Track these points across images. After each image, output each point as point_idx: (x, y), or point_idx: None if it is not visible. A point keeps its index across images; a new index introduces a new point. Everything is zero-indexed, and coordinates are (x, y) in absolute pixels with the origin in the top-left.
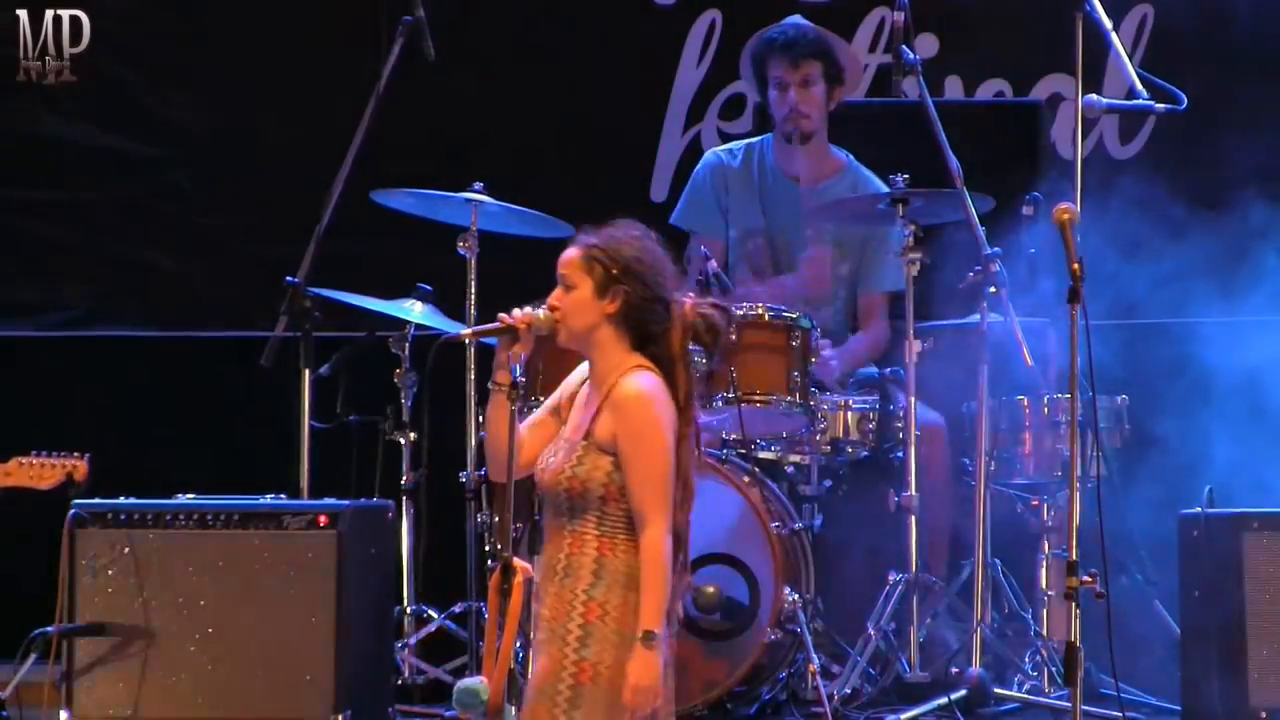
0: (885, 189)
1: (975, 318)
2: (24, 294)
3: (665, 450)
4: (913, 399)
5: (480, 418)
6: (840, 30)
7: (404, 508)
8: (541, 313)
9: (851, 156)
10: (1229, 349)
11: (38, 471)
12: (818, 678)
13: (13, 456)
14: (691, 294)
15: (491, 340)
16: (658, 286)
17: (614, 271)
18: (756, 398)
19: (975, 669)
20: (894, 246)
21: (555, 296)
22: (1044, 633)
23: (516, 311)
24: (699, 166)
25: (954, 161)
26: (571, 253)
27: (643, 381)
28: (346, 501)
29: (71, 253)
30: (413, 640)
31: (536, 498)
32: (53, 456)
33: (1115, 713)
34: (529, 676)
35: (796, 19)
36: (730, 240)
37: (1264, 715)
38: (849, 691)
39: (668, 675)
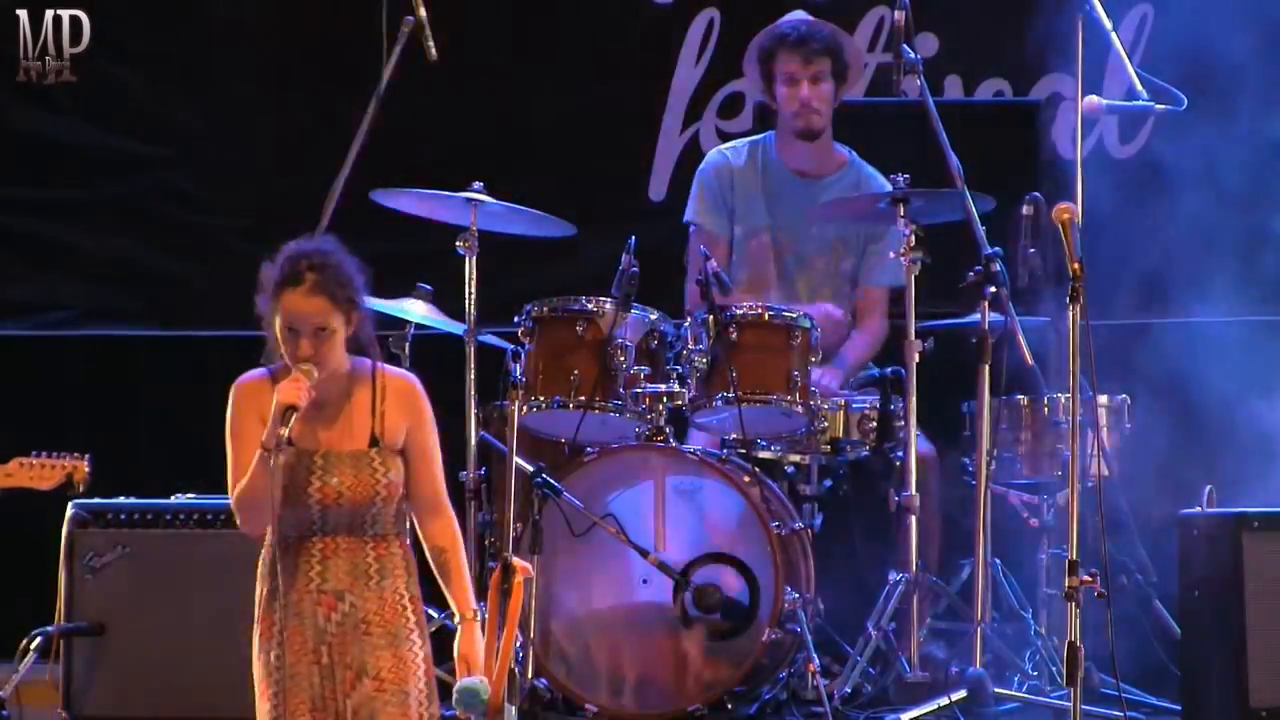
0: (887, 185)
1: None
2: (24, 294)
3: None
4: (913, 399)
5: (479, 415)
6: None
7: None
8: (305, 369)
9: (854, 153)
10: (1229, 348)
11: (38, 472)
12: (818, 677)
13: (13, 457)
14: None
15: (493, 342)
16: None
17: (355, 299)
18: (756, 398)
19: (975, 669)
20: (895, 243)
21: (309, 347)
22: (1044, 632)
23: (292, 393)
24: (704, 164)
25: (955, 161)
26: (317, 301)
27: (403, 372)
28: None
29: (71, 252)
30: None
31: (535, 498)
32: (53, 457)
33: (1115, 712)
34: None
35: (804, 15)
36: (734, 238)
37: (1264, 715)
38: (849, 691)
39: None
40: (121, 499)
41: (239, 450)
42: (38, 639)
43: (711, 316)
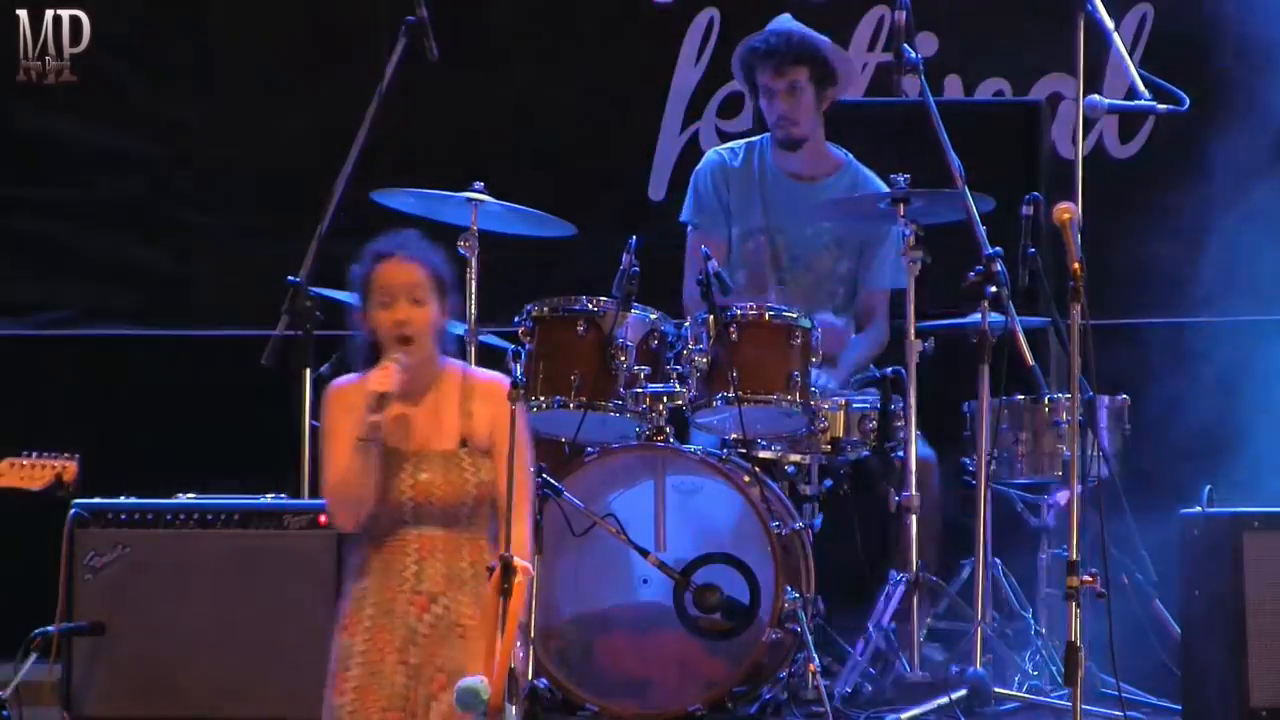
0: (884, 186)
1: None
2: (23, 293)
3: None
4: (913, 399)
5: None
6: (839, 29)
7: None
8: (394, 357)
9: (850, 154)
10: (1229, 348)
11: (28, 472)
12: (818, 677)
13: (6, 456)
14: None
15: (493, 342)
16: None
17: (447, 287)
18: (757, 398)
19: (975, 669)
20: (894, 244)
21: (404, 313)
22: (1044, 632)
23: (381, 381)
24: (700, 165)
25: (955, 161)
26: (415, 269)
27: (491, 373)
28: None
29: (70, 252)
30: None
31: (536, 498)
32: (43, 457)
33: (1115, 712)
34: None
35: (784, 22)
36: (732, 239)
37: (1264, 715)
38: (849, 691)
39: None
40: (121, 499)
41: (335, 450)
42: (38, 639)
43: (711, 316)
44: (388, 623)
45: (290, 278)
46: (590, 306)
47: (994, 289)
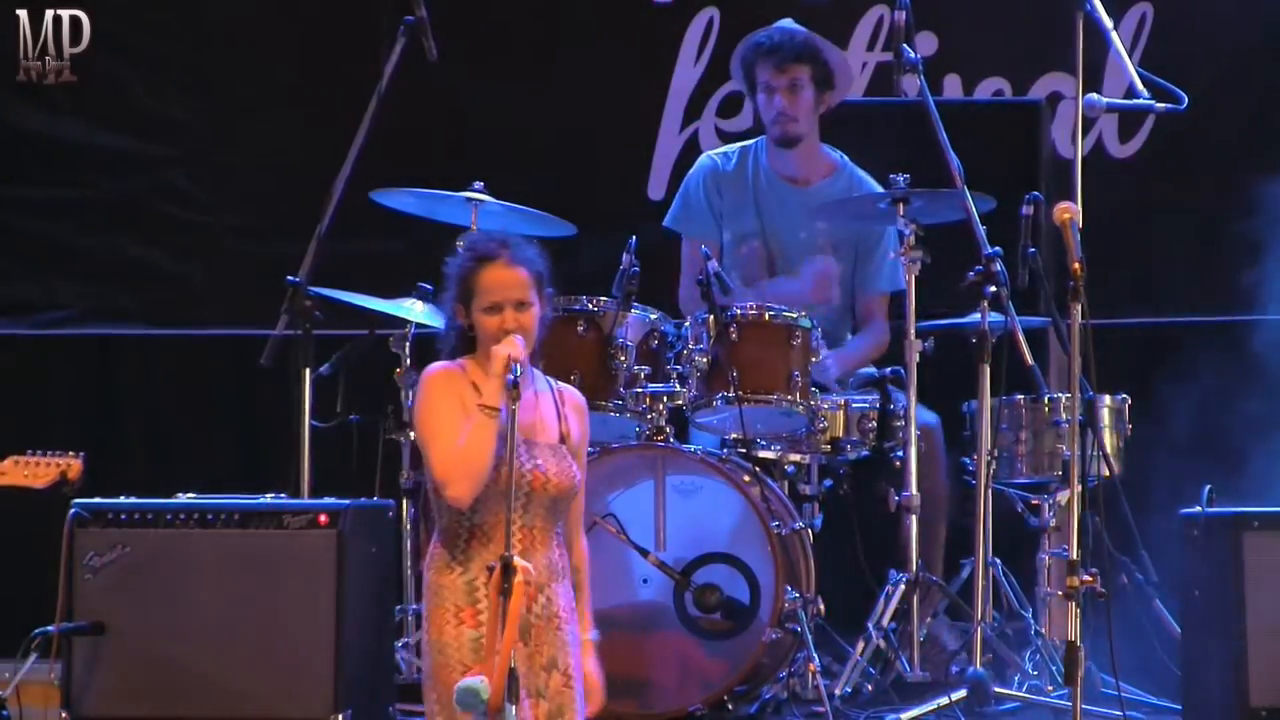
0: (878, 188)
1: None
2: (23, 293)
3: None
4: (913, 399)
5: None
6: (838, 29)
7: (404, 508)
8: (518, 343)
9: (845, 157)
10: (1229, 348)
11: (32, 471)
12: (818, 677)
13: (8, 455)
14: None
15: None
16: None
17: (546, 287)
18: (757, 397)
19: (975, 669)
20: (890, 247)
21: (514, 320)
22: (1044, 632)
23: (517, 350)
24: (692, 170)
25: (955, 161)
26: (520, 273)
27: (570, 387)
28: (346, 501)
29: (70, 252)
30: (413, 640)
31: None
32: (47, 455)
33: (1115, 712)
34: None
35: (786, 22)
36: (724, 244)
37: (1264, 715)
38: (849, 691)
39: None
40: (121, 499)
41: (441, 427)
42: (38, 639)
43: (711, 316)
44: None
45: (290, 278)
46: (590, 306)
47: (994, 289)
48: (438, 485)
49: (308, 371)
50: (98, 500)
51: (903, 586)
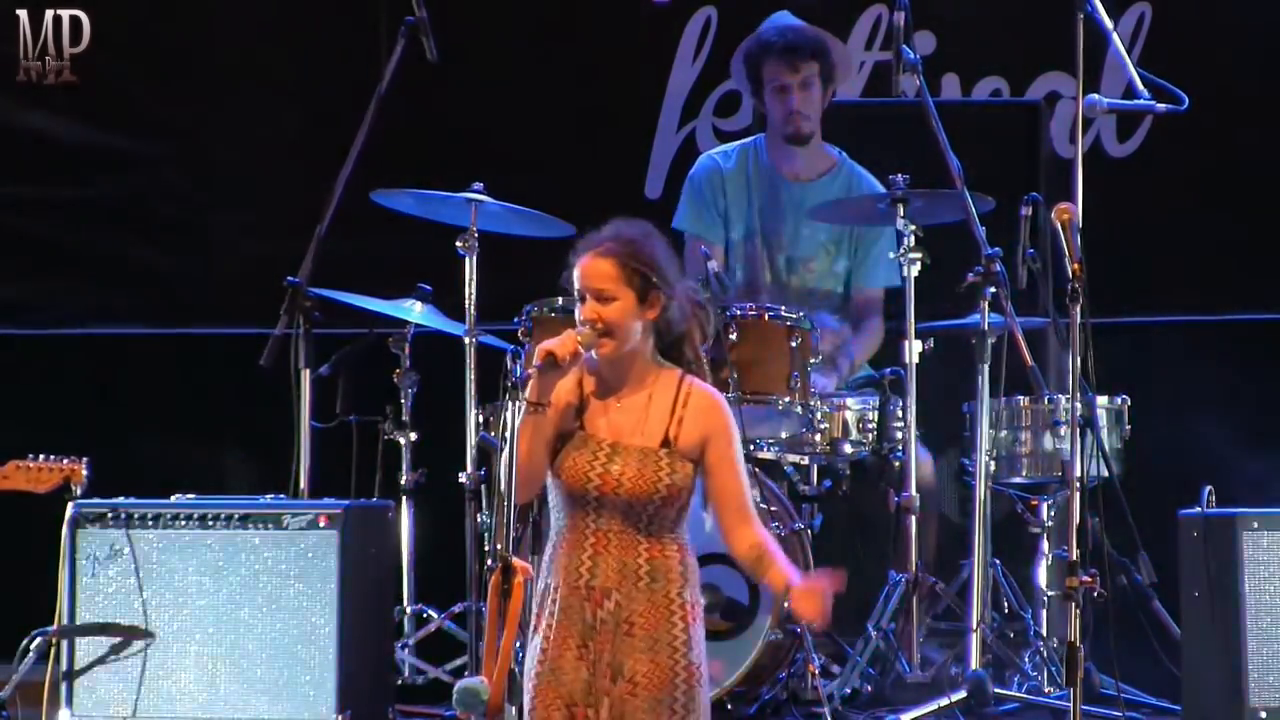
0: (878, 185)
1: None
2: (22, 293)
3: None
4: (913, 399)
5: (480, 417)
6: (835, 29)
7: (404, 508)
8: (584, 333)
9: (843, 153)
10: (1229, 348)
11: (35, 475)
12: (818, 678)
13: (11, 456)
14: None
15: (493, 342)
16: (678, 287)
17: (653, 279)
18: (756, 398)
19: (975, 669)
20: (888, 243)
21: (591, 311)
22: (1044, 632)
23: (558, 343)
24: (694, 170)
25: (955, 161)
26: (604, 264)
27: (709, 387)
28: (346, 501)
29: (70, 252)
30: (413, 640)
31: (535, 498)
32: (50, 460)
33: (1115, 712)
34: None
35: (785, 17)
36: (729, 243)
37: (1264, 715)
38: (849, 691)
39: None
40: (121, 499)
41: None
42: (38, 639)
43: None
44: (565, 619)
45: (290, 278)
46: None
47: (993, 289)
48: None
49: (307, 371)
50: (98, 500)
51: (902, 586)
